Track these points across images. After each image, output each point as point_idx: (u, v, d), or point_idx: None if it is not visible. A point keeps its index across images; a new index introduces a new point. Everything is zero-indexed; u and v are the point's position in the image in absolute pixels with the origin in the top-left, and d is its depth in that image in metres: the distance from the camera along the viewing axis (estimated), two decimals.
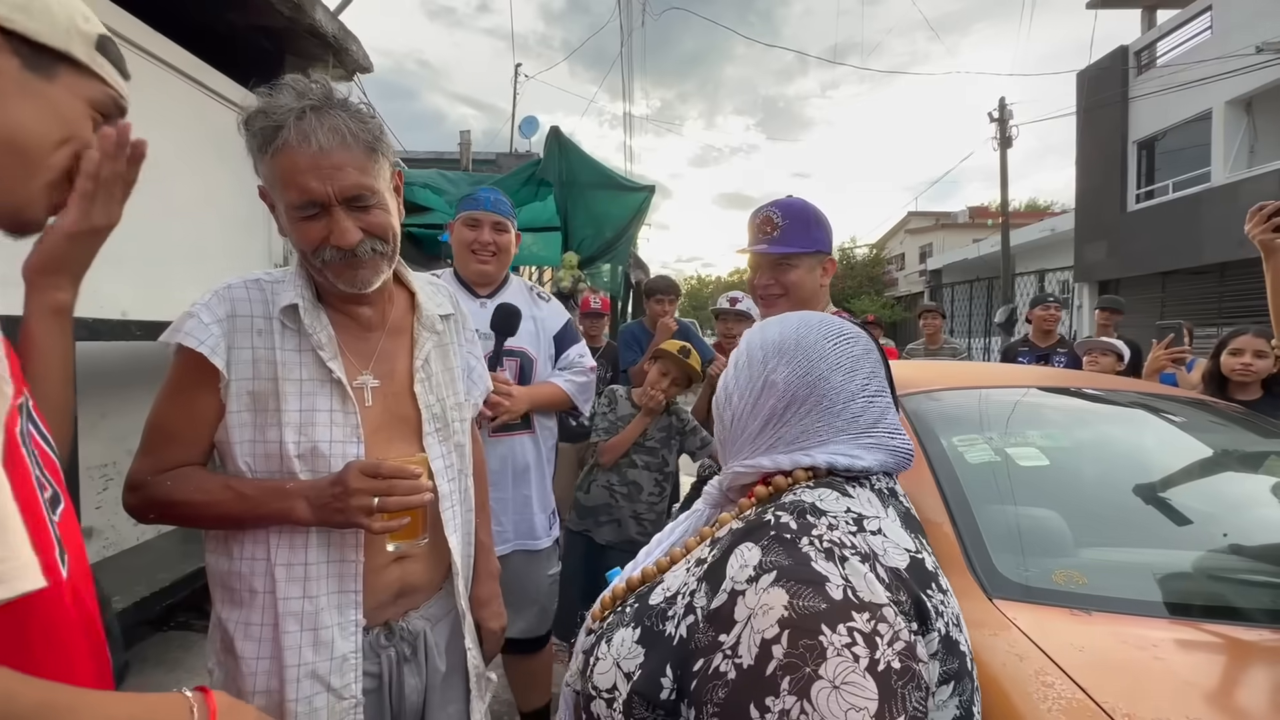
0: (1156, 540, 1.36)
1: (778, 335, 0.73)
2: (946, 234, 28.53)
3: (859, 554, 0.57)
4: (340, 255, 0.92)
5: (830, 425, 0.69)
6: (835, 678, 0.49)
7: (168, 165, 2.78)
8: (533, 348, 1.89)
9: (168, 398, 0.94)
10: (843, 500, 0.64)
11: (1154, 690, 0.90)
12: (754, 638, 0.52)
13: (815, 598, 0.53)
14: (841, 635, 0.51)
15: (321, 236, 0.91)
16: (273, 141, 0.87)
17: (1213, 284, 11.15)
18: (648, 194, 4.39)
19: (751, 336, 0.77)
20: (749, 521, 0.64)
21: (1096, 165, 13.75)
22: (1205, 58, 10.83)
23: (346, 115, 0.90)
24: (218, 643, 0.97)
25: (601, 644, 0.65)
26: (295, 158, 0.87)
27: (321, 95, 0.89)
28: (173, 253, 2.88)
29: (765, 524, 0.61)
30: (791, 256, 1.44)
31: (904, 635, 0.53)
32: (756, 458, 0.71)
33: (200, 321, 0.91)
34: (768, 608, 0.53)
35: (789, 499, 0.65)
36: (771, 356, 0.72)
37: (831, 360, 0.70)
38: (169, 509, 0.92)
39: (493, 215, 1.87)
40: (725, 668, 0.53)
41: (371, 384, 1.00)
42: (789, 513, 0.61)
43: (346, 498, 0.88)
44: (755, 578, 0.55)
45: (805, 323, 0.74)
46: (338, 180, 0.88)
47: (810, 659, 0.50)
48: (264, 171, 0.92)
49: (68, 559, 0.57)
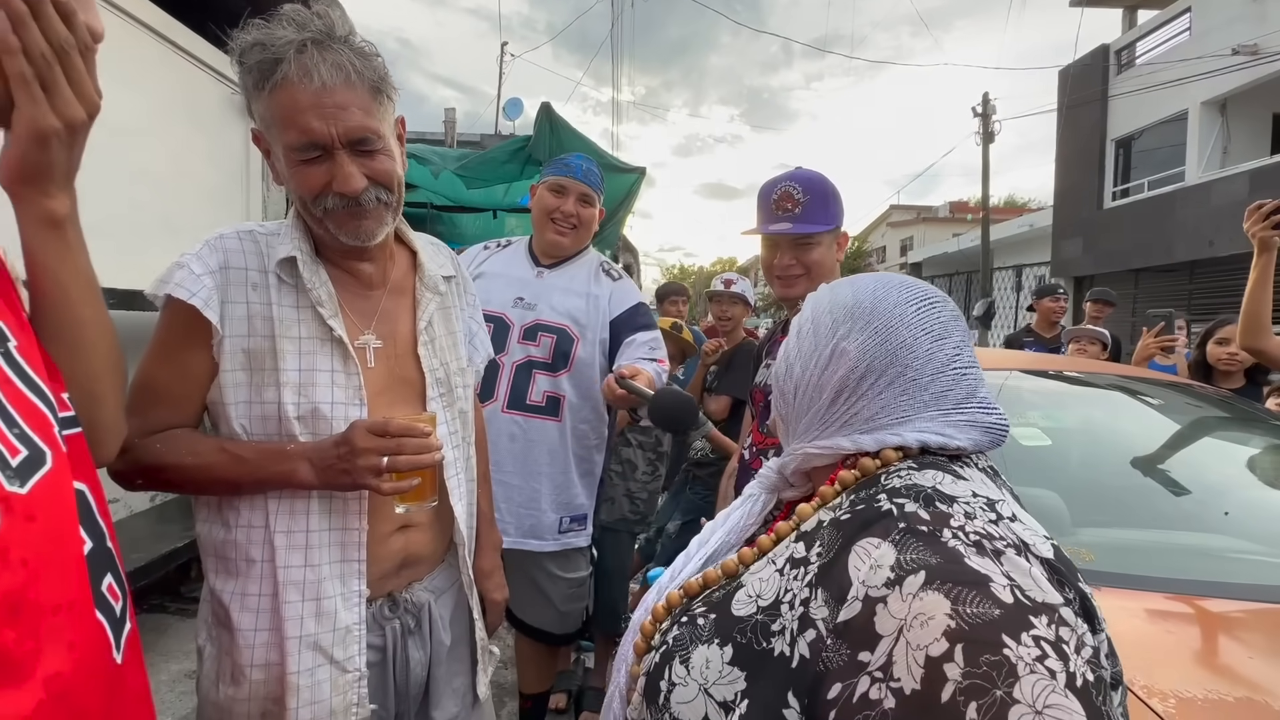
0: (1158, 520, 1.37)
1: (850, 297, 0.64)
2: (927, 228, 28.88)
3: (1011, 545, 0.47)
4: (343, 203, 0.86)
5: (916, 399, 0.59)
6: (1035, 700, 0.40)
7: (136, 128, 2.66)
8: (576, 326, 1.70)
9: (155, 354, 0.88)
10: (961, 483, 0.54)
11: (1169, 663, 0.90)
12: (913, 655, 0.43)
13: (984, 602, 0.43)
14: (1029, 647, 0.41)
15: (323, 183, 0.84)
16: (270, 76, 0.80)
17: (1183, 281, 11.43)
18: (639, 176, 4.32)
19: (819, 299, 0.68)
20: (858, 512, 0.54)
21: (1075, 162, 13.98)
22: (1183, 58, 11.02)
23: (351, 52, 0.82)
24: (209, 617, 0.92)
25: (674, 665, 0.55)
26: (295, 94, 0.80)
27: (324, 28, 0.82)
28: (146, 222, 2.76)
29: (886, 514, 0.51)
30: (814, 235, 1.35)
31: (1088, 639, 0.44)
32: (832, 437, 0.62)
33: (191, 272, 0.85)
34: (925, 617, 0.44)
35: (898, 483, 0.55)
36: (843, 321, 0.62)
37: (916, 326, 0.60)
38: (158, 474, 0.85)
39: (582, 185, 1.73)
40: (878, 694, 0.44)
41: (374, 344, 0.95)
42: (911, 499, 0.52)
43: (353, 457, 0.84)
44: (897, 580, 0.46)
45: (883, 283, 0.65)
46: (342, 120, 0.82)
47: (1000, 679, 0.40)
48: (259, 110, 0.85)
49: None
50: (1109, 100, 13.09)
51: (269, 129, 0.85)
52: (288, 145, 0.83)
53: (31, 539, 0.51)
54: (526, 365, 1.70)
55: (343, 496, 0.90)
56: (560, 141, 3.92)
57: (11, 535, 0.49)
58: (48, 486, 0.53)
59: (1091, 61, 13.39)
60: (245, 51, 0.81)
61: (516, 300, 1.73)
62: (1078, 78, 13.46)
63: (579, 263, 1.81)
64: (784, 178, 1.40)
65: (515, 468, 1.68)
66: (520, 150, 3.90)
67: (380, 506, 0.93)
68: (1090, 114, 13.28)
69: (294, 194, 0.88)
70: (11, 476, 0.51)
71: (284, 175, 0.88)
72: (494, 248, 1.89)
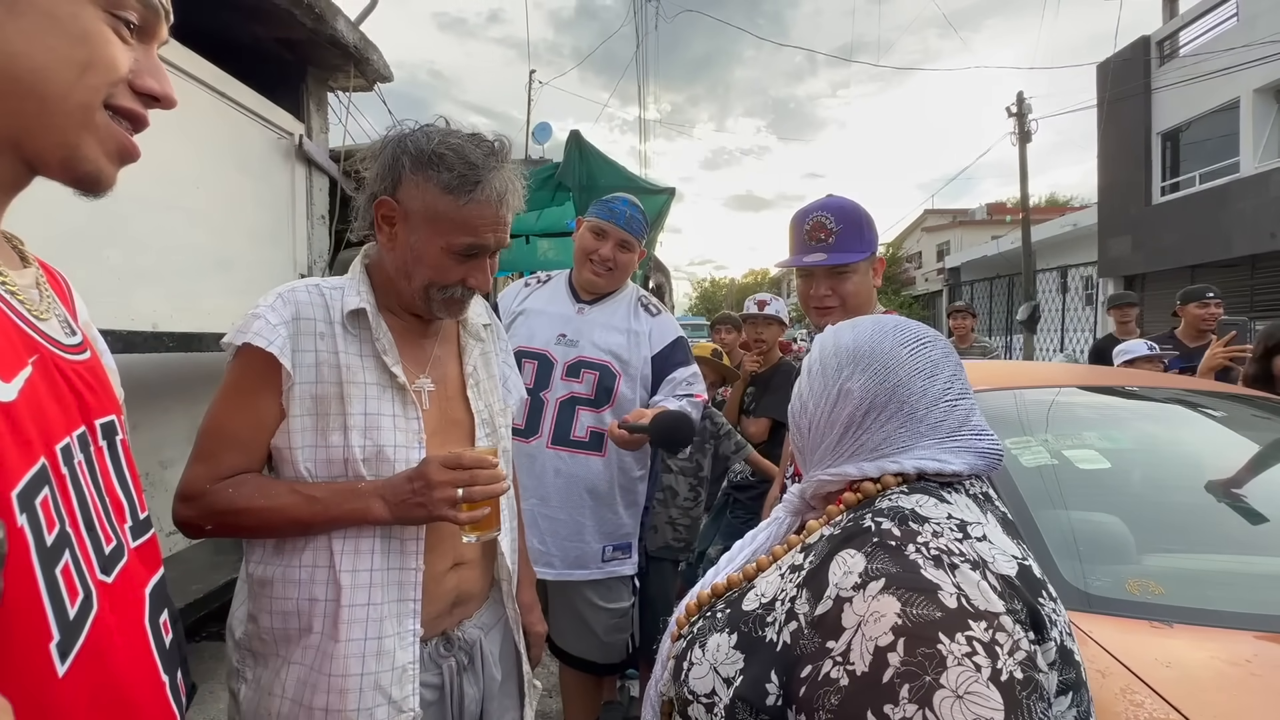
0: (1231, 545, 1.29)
1: (851, 342, 0.72)
2: (964, 231, 28.16)
3: (968, 561, 0.56)
4: (466, 294, 0.98)
5: (914, 431, 0.67)
6: (958, 687, 0.48)
7: (193, 178, 2.80)
8: (618, 363, 1.74)
9: (229, 400, 0.92)
10: (942, 506, 0.62)
11: (1255, 709, 0.84)
12: (866, 644, 0.52)
13: (929, 606, 0.52)
14: (960, 644, 0.50)
15: (460, 278, 0.96)
16: (469, 191, 0.91)
17: (1244, 277, 10.85)
18: (668, 196, 4.34)
19: (824, 343, 0.76)
20: (846, 528, 0.63)
21: (1119, 158, 13.47)
22: (1231, 46, 10.56)
23: (520, 181, 0.96)
24: (247, 659, 0.95)
25: (694, 649, 0.65)
26: (484, 211, 0.92)
27: (502, 149, 0.96)
28: (200, 265, 2.90)
29: (865, 531, 0.60)
30: (849, 265, 1.34)
31: (1024, 645, 0.52)
32: (841, 465, 0.70)
33: (268, 322, 0.90)
34: (879, 615, 0.53)
35: (885, 504, 0.63)
36: (846, 364, 0.71)
37: (909, 366, 0.68)
38: (230, 518, 0.89)
39: (622, 232, 1.76)
40: (837, 674, 0.53)
41: (429, 388, 1.01)
42: (889, 519, 0.60)
43: (429, 490, 0.88)
44: (862, 584, 0.55)
45: (879, 328, 0.72)
46: (501, 233, 0.96)
47: (930, 667, 0.49)
48: (434, 203, 0.92)
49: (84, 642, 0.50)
50: (1152, 93, 12.62)
51: (432, 220, 0.93)
52: (454, 245, 0.93)
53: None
54: (570, 401, 1.73)
55: (400, 537, 0.93)
56: (589, 167, 3.99)
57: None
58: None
59: (1132, 54, 12.94)
60: (447, 155, 0.91)
61: (559, 337, 1.77)
62: (1118, 71, 13.03)
63: (618, 298, 1.84)
64: (815, 207, 1.38)
65: (560, 501, 1.71)
66: (550, 178, 3.97)
67: (436, 545, 0.96)
68: (1133, 108, 12.82)
69: (417, 274, 0.95)
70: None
71: (411, 254, 0.95)
72: (534, 284, 1.93)
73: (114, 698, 0.54)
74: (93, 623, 0.52)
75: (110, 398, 0.61)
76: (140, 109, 0.56)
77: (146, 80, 0.56)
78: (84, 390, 0.56)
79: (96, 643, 0.52)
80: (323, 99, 3.98)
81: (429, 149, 0.91)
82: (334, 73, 3.88)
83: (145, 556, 0.62)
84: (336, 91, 4.06)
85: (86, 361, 0.59)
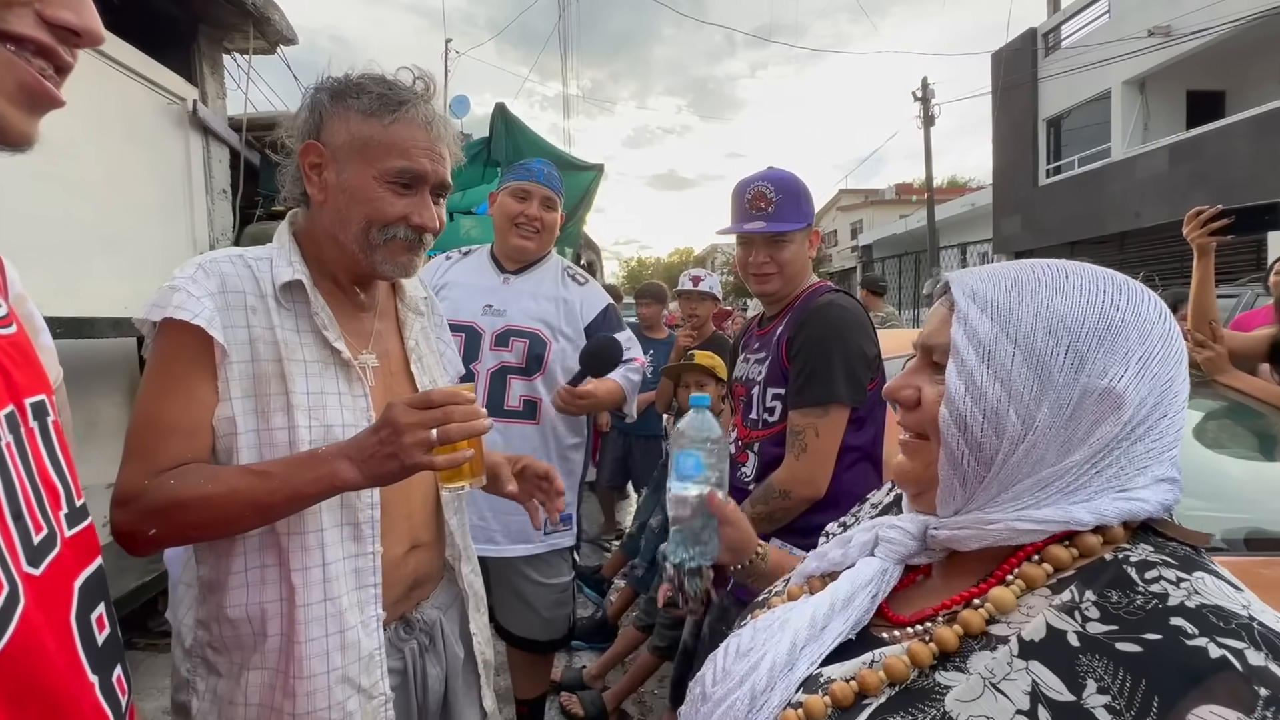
0: None
1: (1086, 307, 0.47)
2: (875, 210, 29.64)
3: None
4: (411, 236, 0.91)
5: (1150, 451, 0.46)
6: None
7: (71, 146, 2.52)
8: (548, 329, 1.73)
9: (157, 385, 0.82)
10: (1234, 591, 0.41)
11: None
12: None
13: None
14: None
15: (401, 214, 0.89)
16: (394, 110, 0.87)
17: (1114, 251, 12.08)
18: (597, 173, 4.32)
19: (1008, 306, 0.48)
20: (1151, 644, 0.39)
21: (1011, 143, 14.57)
22: (1104, 40, 11.61)
23: (447, 117, 0.94)
24: (199, 668, 0.88)
25: None
26: (414, 131, 0.88)
27: (426, 87, 0.93)
28: (84, 242, 2.62)
29: (1222, 666, 0.37)
30: (787, 234, 1.40)
31: None
32: (1060, 505, 0.46)
33: (190, 294, 0.81)
34: None
35: (1178, 595, 0.40)
36: (1094, 348, 0.46)
37: (1175, 350, 0.47)
38: (176, 513, 0.77)
39: (544, 189, 1.74)
40: None
41: (372, 364, 0.96)
42: (1237, 638, 0.38)
43: (397, 437, 0.76)
44: None
45: (1132, 292, 0.48)
46: (440, 166, 0.91)
47: None
48: (359, 130, 0.87)
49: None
50: (1039, 82, 13.67)
51: (361, 149, 0.87)
52: (387, 170, 0.87)
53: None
54: (501, 371, 1.71)
55: (355, 521, 0.89)
56: (516, 142, 3.89)
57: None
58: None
59: (1022, 45, 13.95)
60: (362, 82, 0.88)
61: (485, 308, 1.75)
62: (1010, 60, 14.01)
63: (544, 267, 1.83)
64: (757, 177, 1.44)
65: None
66: (479, 154, 3.85)
67: (392, 527, 0.93)
68: (1022, 95, 13.85)
69: (355, 215, 0.89)
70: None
71: (344, 195, 0.88)
72: (456, 256, 1.90)
73: (40, 700, 0.50)
74: (19, 620, 0.49)
75: (40, 376, 0.56)
76: (50, 40, 0.48)
77: (59, 11, 0.47)
78: (9, 366, 0.51)
79: (23, 640, 0.49)
80: (218, 61, 3.65)
81: (347, 81, 0.89)
82: (230, 33, 3.56)
83: (80, 546, 0.57)
84: (234, 54, 3.73)
85: (11, 336, 0.53)
